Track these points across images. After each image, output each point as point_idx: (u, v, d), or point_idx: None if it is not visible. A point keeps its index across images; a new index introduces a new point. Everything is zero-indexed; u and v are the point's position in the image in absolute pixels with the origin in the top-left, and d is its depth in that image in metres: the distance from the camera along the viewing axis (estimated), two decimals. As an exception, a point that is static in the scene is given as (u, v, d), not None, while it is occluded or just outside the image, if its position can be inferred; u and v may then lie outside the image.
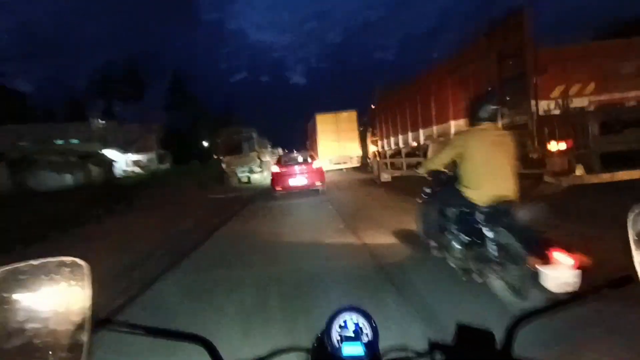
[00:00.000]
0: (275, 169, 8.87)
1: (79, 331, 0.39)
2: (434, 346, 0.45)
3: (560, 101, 4.36)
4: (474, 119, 2.56)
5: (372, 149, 12.60)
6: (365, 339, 0.47)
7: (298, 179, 8.50)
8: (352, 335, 0.48)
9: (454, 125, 6.22)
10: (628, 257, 0.39)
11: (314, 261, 3.48)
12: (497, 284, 2.24)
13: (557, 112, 4.40)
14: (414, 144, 8.39)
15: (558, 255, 1.79)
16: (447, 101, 6.25)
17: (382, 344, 0.48)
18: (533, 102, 4.35)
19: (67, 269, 0.40)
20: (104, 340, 0.78)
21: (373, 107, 12.33)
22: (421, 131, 7.63)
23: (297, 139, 21.62)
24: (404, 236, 3.82)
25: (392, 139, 9.94)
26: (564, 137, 4.34)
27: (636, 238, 0.40)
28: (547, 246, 1.86)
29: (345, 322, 0.49)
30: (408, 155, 9.12)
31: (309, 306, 2.42)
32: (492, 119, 2.56)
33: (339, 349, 0.46)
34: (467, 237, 2.54)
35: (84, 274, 0.41)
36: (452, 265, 2.65)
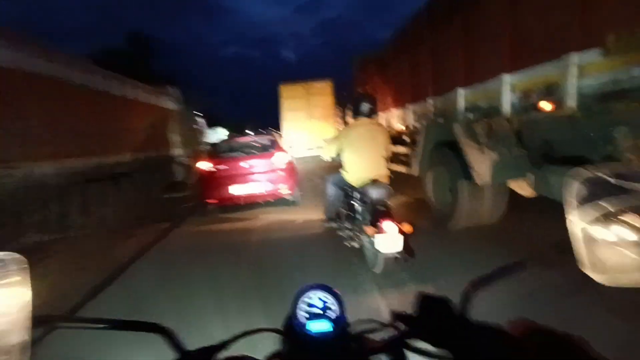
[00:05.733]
0: (206, 166, 5.33)
1: (19, 330, 0.37)
2: (396, 316, 0.47)
3: None
4: (355, 114, 3.16)
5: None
6: (332, 315, 0.48)
7: (248, 184, 5.26)
8: (320, 312, 0.48)
9: (462, 94, 3.64)
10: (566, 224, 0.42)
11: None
12: (366, 248, 2.89)
13: None
14: (400, 126, 5.82)
15: (386, 224, 2.44)
16: (448, 58, 3.66)
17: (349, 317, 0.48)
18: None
19: (1, 264, 0.39)
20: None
21: (353, 81, 9.66)
22: (410, 108, 5.04)
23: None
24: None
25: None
26: None
27: (574, 201, 0.42)
28: (382, 217, 2.51)
29: (311, 300, 0.49)
30: (394, 142, 6.46)
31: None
32: (368, 114, 3.11)
33: (306, 325, 0.46)
34: (348, 212, 3.25)
35: (21, 269, 0.39)
36: (340, 233, 3.34)
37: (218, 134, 21.13)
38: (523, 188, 3.38)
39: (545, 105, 2.56)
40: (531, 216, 3.65)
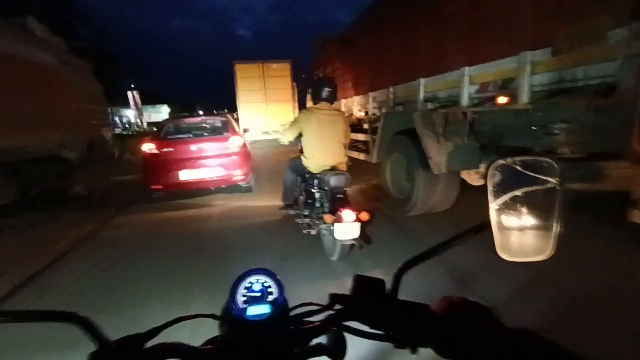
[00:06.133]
0: (150, 148, 4.83)
1: None
2: (333, 298, 0.47)
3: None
4: (315, 98, 3.10)
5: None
6: (271, 299, 0.49)
7: (198, 169, 4.84)
8: (259, 296, 0.49)
9: (423, 84, 3.69)
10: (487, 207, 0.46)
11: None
12: (323, 235, 2.91)
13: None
14: (361, 113, 5.82)
15: (345, 212, 2.42)
16: (411, 47, 3.68)
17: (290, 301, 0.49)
18: None
19: None
20: None
21: (313, 63, 9.41)
22: (371, 95, 5.04)
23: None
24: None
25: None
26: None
27: (492, 189, 0.47)
28: (340, 206, 2.48)
29: (251, 284, 0.50)
30: (353, 129, 6.40)
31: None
32: (328, 99, 3.06)
33: (244, 310, 0.47)
34: (306, 198, 3.17)
35: None
36: (298, 220, 3.28)
37: (162, 113, 18.81)
38: (472, 177, 3.57)
39: (500, 99, 2.67)
40: (478, 203, 3.90)
